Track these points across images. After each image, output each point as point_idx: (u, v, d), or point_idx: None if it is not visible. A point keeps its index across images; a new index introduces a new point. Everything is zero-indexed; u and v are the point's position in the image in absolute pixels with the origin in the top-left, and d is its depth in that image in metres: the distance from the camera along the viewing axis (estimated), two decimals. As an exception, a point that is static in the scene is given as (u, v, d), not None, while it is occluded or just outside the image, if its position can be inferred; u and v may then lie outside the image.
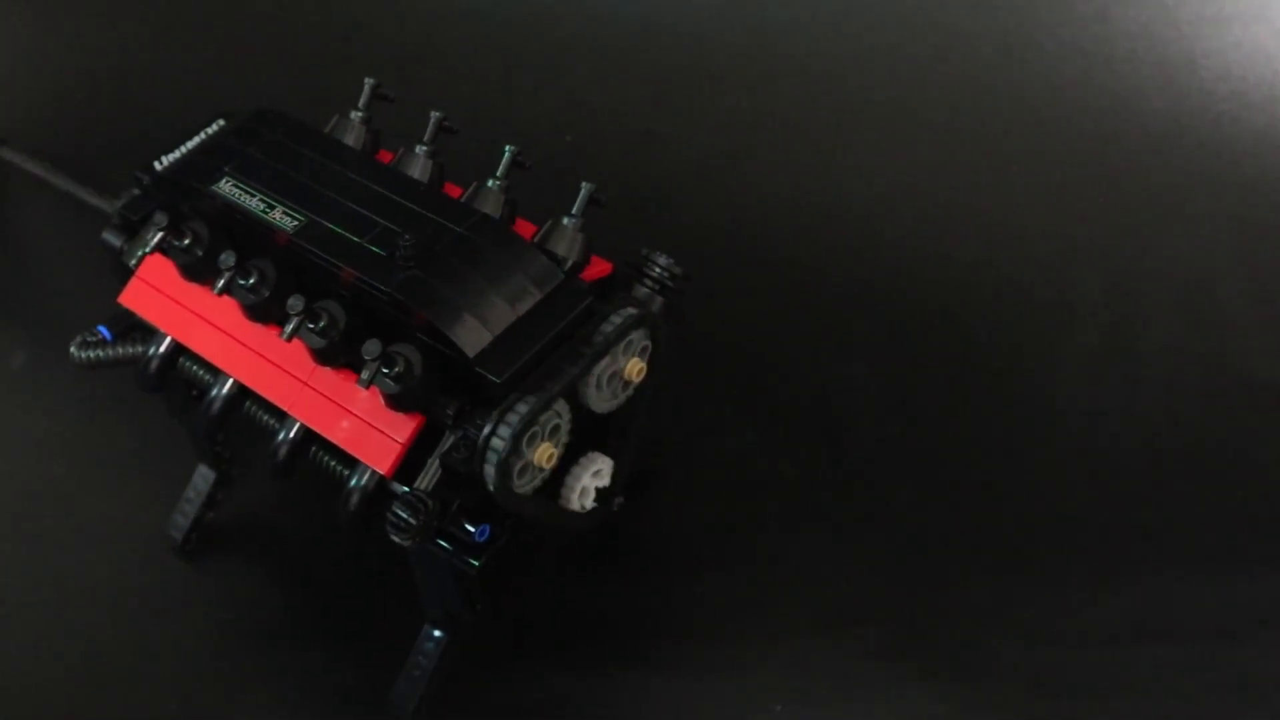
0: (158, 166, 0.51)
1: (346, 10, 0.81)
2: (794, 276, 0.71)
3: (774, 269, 0.72)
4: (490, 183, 0.50)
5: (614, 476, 0.50)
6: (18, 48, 0.82)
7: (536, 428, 0.44)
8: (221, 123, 0.53)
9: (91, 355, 0.51)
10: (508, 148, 0.50)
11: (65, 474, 0.65)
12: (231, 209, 0.47)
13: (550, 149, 0.53)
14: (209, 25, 0.80)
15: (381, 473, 0.46)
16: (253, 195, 0.47)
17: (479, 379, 0.44)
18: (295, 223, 0.46)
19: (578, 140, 0.75)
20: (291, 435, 0.48)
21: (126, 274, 0.51)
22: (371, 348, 0.43)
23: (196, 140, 0.52)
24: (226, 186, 0.48)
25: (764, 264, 0.72)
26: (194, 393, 0.52)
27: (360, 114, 0.52)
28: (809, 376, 0.68)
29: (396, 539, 0.44)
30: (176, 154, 0.52)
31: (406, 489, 0.45)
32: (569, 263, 0.48)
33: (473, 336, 0.44)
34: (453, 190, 0.51)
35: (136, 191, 0.52)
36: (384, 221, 0.46)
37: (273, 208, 0.47)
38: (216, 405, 0.50)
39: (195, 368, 0.51)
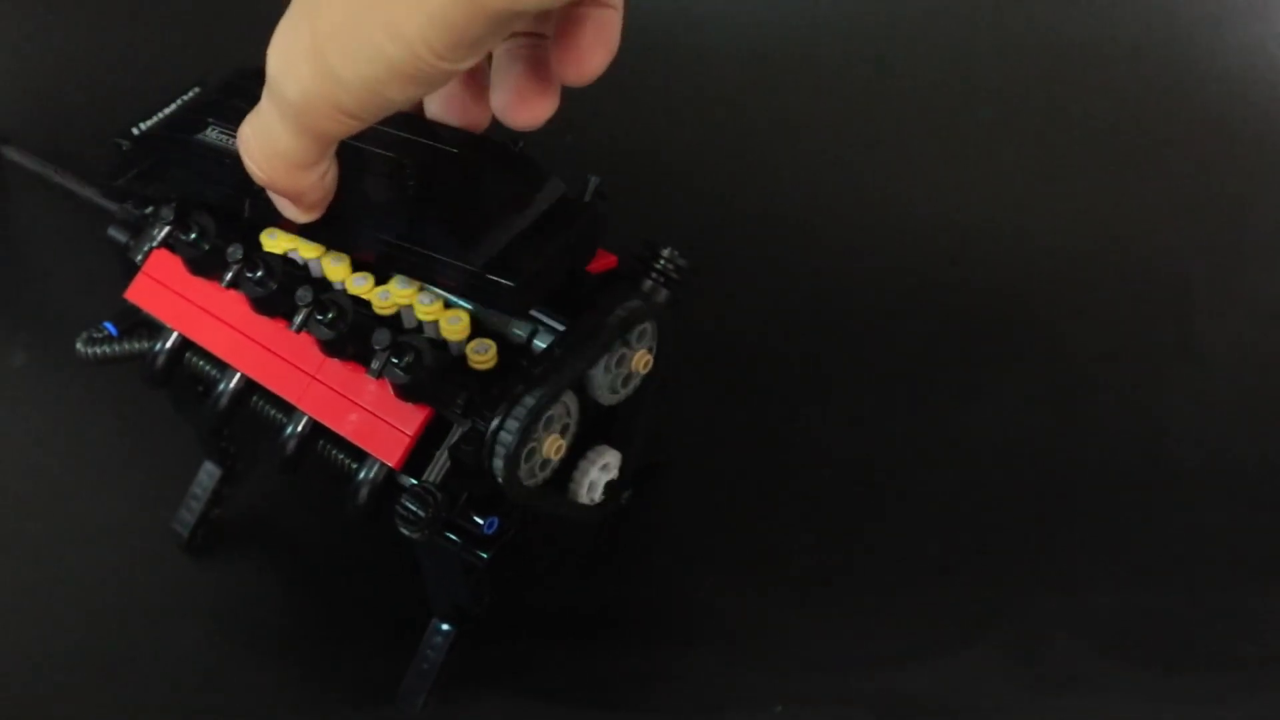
0: (135, 132, 0.51)
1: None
2: (802, 270, 0.71)
3: (782, 262, 0.72)
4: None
5: (622, 469, 0.50)
6: (19, 47, 0.82)
7: (545, 420, 0.44)
8: (198, 90, 0.53)
9: (98, 351, 0.51)
10: (515, 143, 0.50)
11: (66, 473, 0.65)
12: (219, 153, 0.47)
13: (552, 147, 0.53)
14: (212, 23, 0.80)
15: (390, 465, 0.46)
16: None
17: (493, 290, 0.43)
18: None
19: (578, 138, 0.75)
20: (299, 429, 0.48)
21: (132, 269, 0.51)
22: (381, 337, 0.43)
23: (174, 106, 0.52)
24: (212, 134, 0.48)
25: (771, 257, 0.72)
26: (200, 388, 0.52)
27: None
28: (818, 371, 0.68)
29: (405, 532, 0.44)
30: (154, 120, 0.52)
31: (415, 481, 0.46)
32: (575, 255, 0.48)
33: (481, 248, 0.43)
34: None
35: (119, 154, 0.52)
36: (376, 149, 0.46)
37: None
38: (223, 400, 0.50)
39: (202, 363, 0.51)
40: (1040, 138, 0.73)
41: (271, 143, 0.38)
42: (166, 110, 0.52)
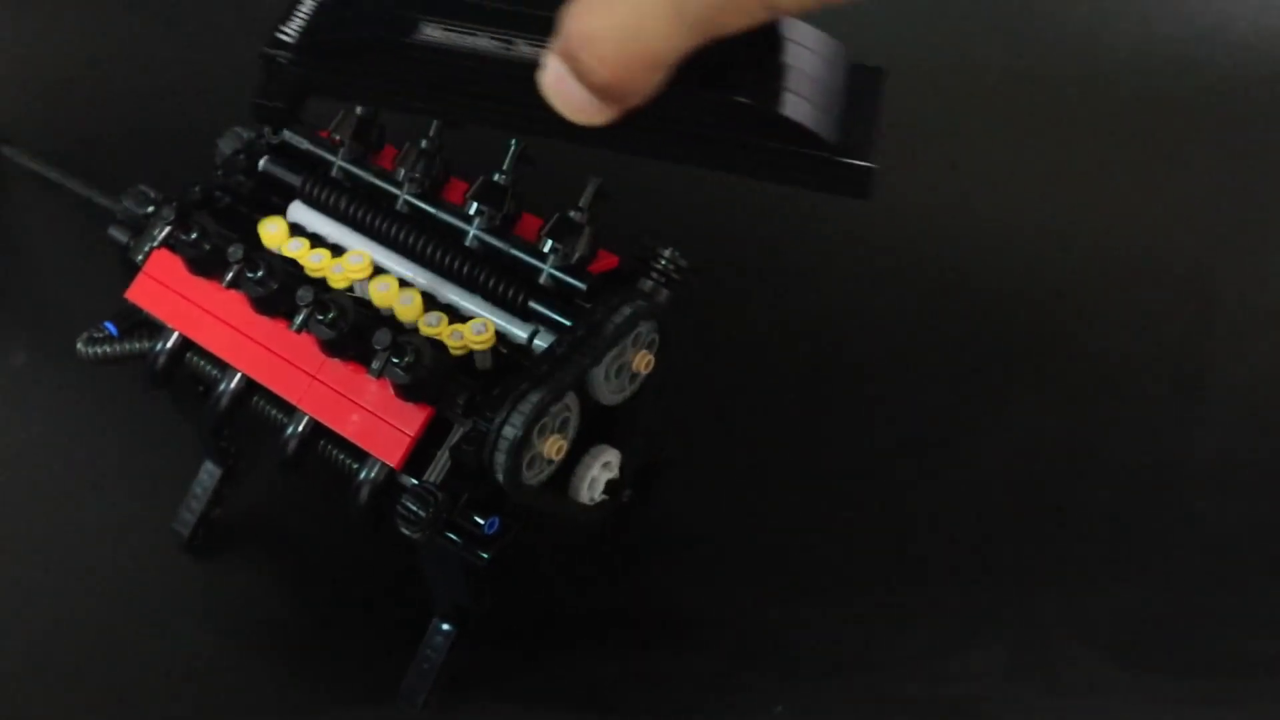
0: (287, 39, 0.41)
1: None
2: (806, 270, 0.71)
3: (786, 262, 0.72)
4: (496, 176, 0.50)
5: (622, 469, 0.50)
6: (19, 47, 0.82)
7: (546, 419, 0.44)
8: None
9: (99, 351, 0.51)
10: (513, 141, 0.50)
11: (66, 473, 0.65)
12: (457, 55, 0.39)
13: (552, 147, 0.53)
14: (212, 22, 0.80)
15: (391, 465, 0.46)
16: (477, 35, 0.39)
17: (844, 173, 0.38)
18: None
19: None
20: (300, 429, 0.48)
21: (133, 269, 0.52)
22: (382, 337, 0.43)
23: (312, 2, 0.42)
24: (437, 33, 0.39)
25: (775, 258, 0.72)
26: (200, 388, 0.52)
27: (365, 110, 0.52)
28: (821, 372, 0.68)
29: (406, 531, 0.44)
30: (300, 19, 0.42)
31: (416, 481, 0.46)
32: (576, 256, 0.48)
33: (824, 122, 0.38)
34: (458, 186, 0.52)
35: (273, 68, 0.42)
36: None
37: (512, 44, 0.39)
38: (224, 400, 0.50)
39: (202, 363, 0.51)
40: (1057, 140, 0.73)
41: (641, 38, 0.33)
42: (306, 8, 0.42)
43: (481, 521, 0.46)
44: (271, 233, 0.50)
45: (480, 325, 0.46)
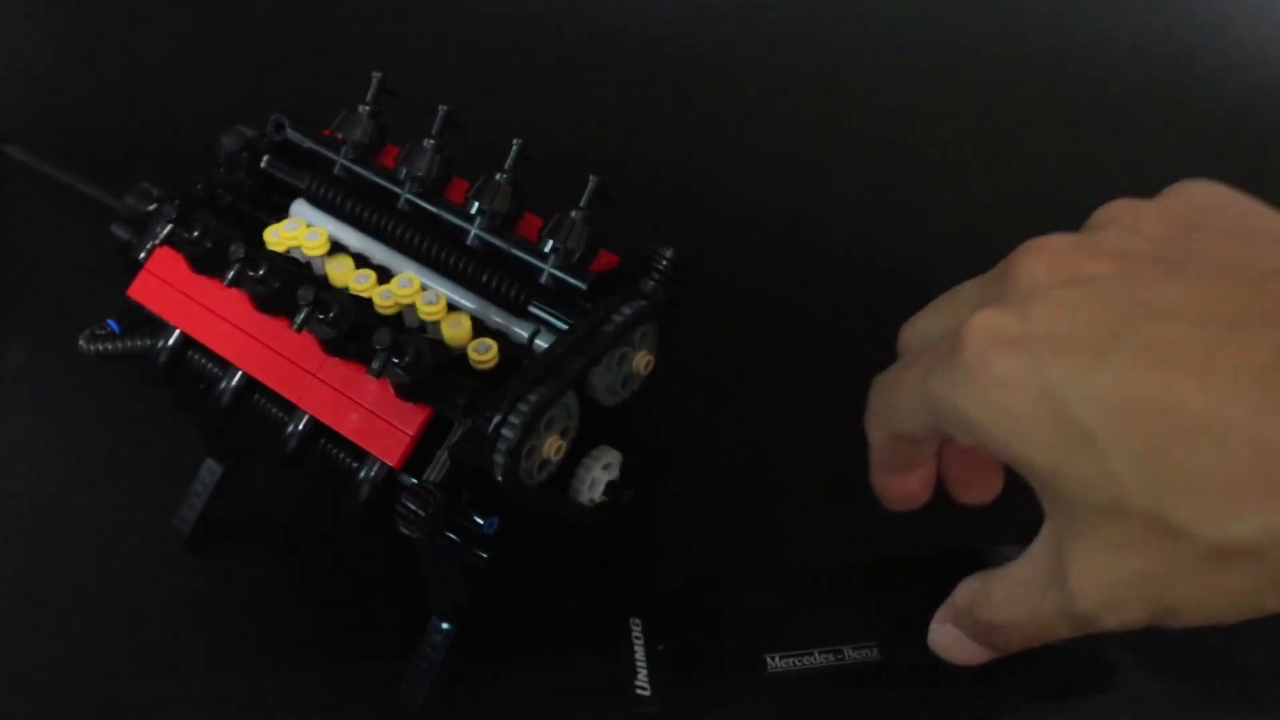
0: (644, 692, 0.51)
1: (350, 8, 0.82)
2: (807, 270, 0.71)
3: (787, 263, 0.72)
4: (498, 176, 0.50)
5: (622, 470, 0.50)
6: (19, 47, 0.82)
7: (545, 419, 0.44)
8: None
9: (100, 348, 0.51)
10: (515, 141, 0.50)
11: (66, 471, 0.65)
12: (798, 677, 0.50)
13: (553, 148, 0.53)
14: (212, 22, 0.81)
15: (390, 464, 0.46)
16: (813, 654, 0.51)
17: None
18: None
19: (579, 138, 0.75)
20: (300, 428, 0.48)
21: (135, 267, 0.52)
22: (382, 337, 0.43)
23: None
24: (780, 662, 0.50)
25: (776, 258, 0.72)
26: (202, 386, 0.52)
27: (367, 108, 0.53)
28: (823, 372, 0.68)
29: (405, 530, 0.44)
30: (640, 689, 0.51)
31: (415, 480, 0.46)
32: (576, 255, 0.48)
33: None
34: (460, 185, 0.52)
35: None
36: None
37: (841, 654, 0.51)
38: (225, 398, 0.50)
39: (204, 360, 0.51)
40: (1056, 142, 0.72)
41: (1044, 634, 0.43)
42: (639, 655, 0.52)
43: (481, 521, 0.46)
44: (275, 239, 0.50)
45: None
